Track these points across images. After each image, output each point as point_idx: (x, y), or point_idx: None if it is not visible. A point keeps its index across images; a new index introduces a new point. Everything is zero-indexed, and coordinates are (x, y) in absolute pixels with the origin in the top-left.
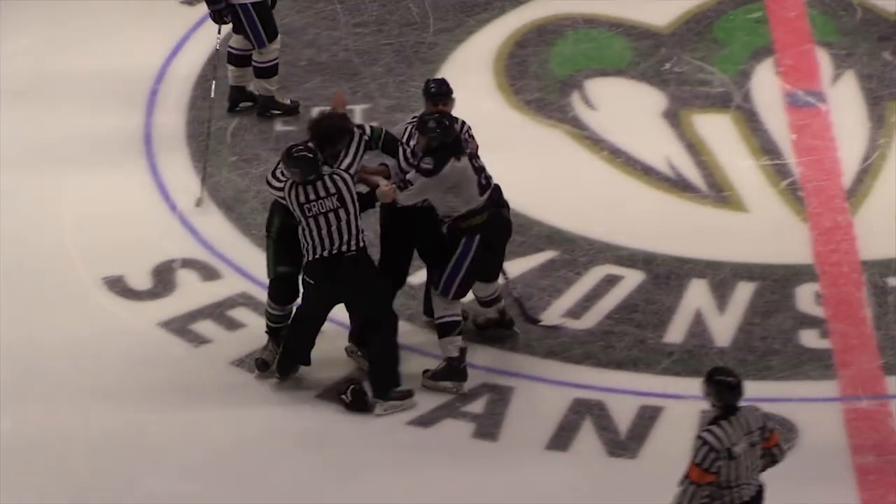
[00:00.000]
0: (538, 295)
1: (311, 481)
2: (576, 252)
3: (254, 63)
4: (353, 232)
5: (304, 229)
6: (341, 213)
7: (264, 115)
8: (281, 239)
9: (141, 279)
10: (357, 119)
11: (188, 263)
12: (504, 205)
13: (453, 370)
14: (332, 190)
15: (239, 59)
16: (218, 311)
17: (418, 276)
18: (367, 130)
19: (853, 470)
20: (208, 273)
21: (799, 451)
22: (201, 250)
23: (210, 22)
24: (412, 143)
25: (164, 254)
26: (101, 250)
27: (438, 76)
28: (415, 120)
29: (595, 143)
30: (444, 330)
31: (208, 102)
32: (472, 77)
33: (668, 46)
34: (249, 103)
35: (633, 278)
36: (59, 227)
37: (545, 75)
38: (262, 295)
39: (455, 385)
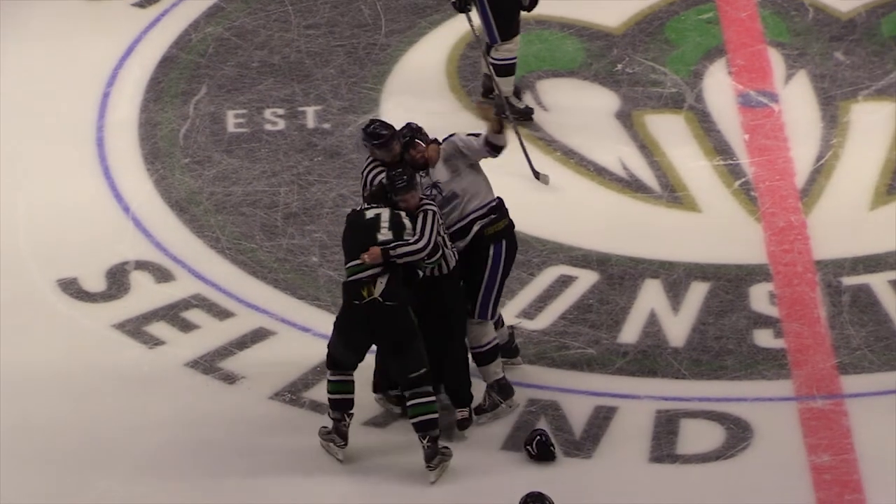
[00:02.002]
0: None
1: (265, 481)
2: (529, 253)
3: (490, 59)
4: None
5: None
6: None
7: (503, 117)
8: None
9: (95, 281)
10: (309, 121)
11: (141, 265)
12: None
13: (502, 389)
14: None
15: (489, 50)
16: (172, 313)
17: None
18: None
19: (809, 469)
20: (162, 275)
21: (754, 450)
22: (155, 252)
23: (162, 26)
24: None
25: (117, 256)
26: (54, 253)
27: (391, 77)
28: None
29: (548, 143)
30: (489, 357)
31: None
32: (425, 78)
33: (620, 47)
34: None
35: (586, 279)
36: (13, 229)
37: None
38: (216, 296)
39: (508, 402)
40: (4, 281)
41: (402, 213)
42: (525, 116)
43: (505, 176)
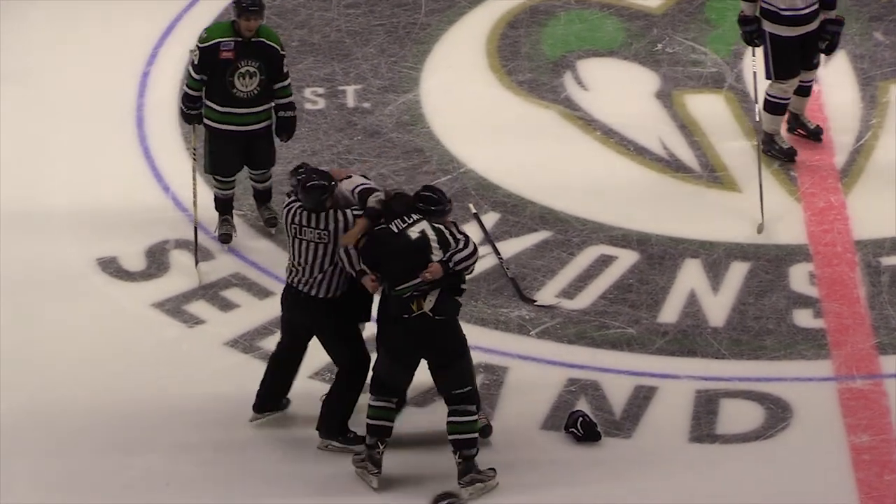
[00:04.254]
0: (532, 275)
1: (307, 459)
2: (569, 232)
3: (765, 93)
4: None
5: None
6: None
7: (767, 154)
8: None
9: (134, 260)
10: (349, 100)
11: (181, 244)
12: None
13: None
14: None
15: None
16: (211, 292)
17: None
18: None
19: (848, 450)
20: (201, 254)
21: (793, 431)
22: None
23: (202, 5)
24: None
25: (157, 235)
26: (94, 232)
27: (431, 56)
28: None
29: (588, 123)
30: None
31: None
32: (465, 57)
33: (660, 27)
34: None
35: (626, 258)
36: (53, 209)
37: (537, 56)
38: (255, 275)
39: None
40: (45, 260)
41: (441, 227)
42: (788, 157)
43: (545, 156)
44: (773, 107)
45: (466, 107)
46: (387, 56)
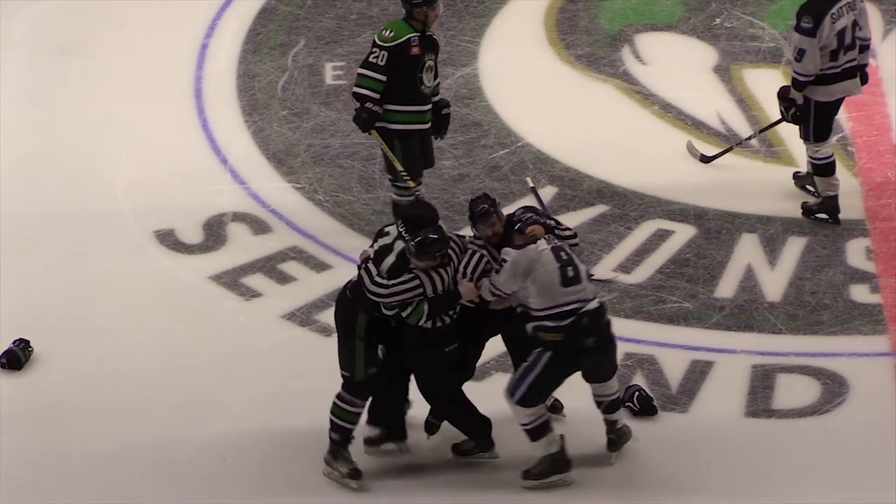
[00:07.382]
0: (589, 249)
1: (359, 433)
2: (627, 206)
3: (808, 158)
4: None
5: None
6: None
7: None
8: (369, 338)
9: (192, 233)
10: None
11: (239, 217)
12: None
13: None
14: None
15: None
16: (269, 265)
17: None
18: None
19: None
20: (259, 227)
21: (849, 405)
22: (252, 204)
23: None
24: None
25: (215, 208)
26: (152, 204)
27: (489, 30)
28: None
29: (646, 97)
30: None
31: None
32: (523, 31)
33: (719, 1)
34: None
35: (684, 233)
36: (111, 181)
37: (595, 30)
38: (313, 248)
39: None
40: (102, 232)
41: None
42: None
43: (602, 130)
44: (820, 168)
45: (524, 81)
46: (445, 30)
